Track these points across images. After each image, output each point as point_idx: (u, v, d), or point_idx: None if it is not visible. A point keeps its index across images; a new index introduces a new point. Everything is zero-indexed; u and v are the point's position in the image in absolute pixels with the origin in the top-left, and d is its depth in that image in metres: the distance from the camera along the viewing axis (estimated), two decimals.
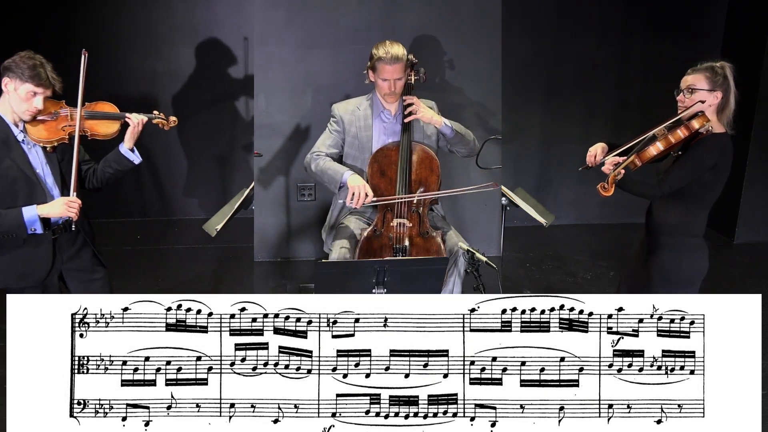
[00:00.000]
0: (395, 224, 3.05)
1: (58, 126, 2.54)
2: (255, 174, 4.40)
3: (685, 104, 2.59)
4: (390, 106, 3.21)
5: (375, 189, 3.12)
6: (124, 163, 2.66)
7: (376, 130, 3.21)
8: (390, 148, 3.14)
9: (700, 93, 2.55)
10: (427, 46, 4.33)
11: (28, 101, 2.46)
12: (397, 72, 3.07)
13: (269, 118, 4.37)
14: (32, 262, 2.55)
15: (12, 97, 2.46)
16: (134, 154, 2.67)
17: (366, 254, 3.03)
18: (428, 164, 3.13)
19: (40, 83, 2.45)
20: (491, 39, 4.43)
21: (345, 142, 3.24)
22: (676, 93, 2.63)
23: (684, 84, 2.60)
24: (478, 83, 4.45)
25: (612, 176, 2.49)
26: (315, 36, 4.31)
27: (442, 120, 3.14)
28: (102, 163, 2.68)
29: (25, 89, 2.44)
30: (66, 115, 2.55)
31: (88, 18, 5.09)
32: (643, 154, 2.54)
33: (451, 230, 3.19)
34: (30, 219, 2.45)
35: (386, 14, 4.32)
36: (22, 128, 2.52)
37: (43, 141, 2.52)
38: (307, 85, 4.35)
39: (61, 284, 2.67)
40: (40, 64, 2.46)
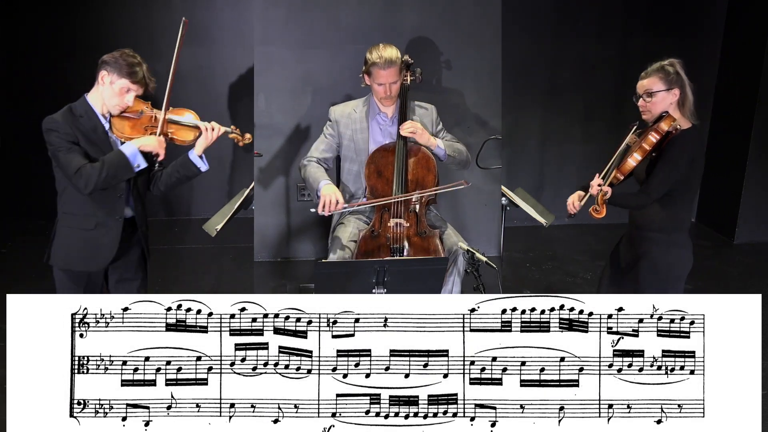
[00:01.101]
0: (392, 224, 3.05)
1: (142, 125, 2.61)
2: (255, 174, 4.40)
3: (647, 108, 2.66)
4: (386, 109, 3.21)
5: (372, 189, 3.13)
6: (191, 170, 2.70)
7: (372, 132, 3.21)
8: (387, 149, 3.14)
9: (659, 94, 2.63)
10: (427, 47, 4.33)
11: (121, 96, 2.54)
12: (391, 76, 3.07)
13: (269, 118, 4.37)
14: (100, 246, 2.60)
15: (106, 89, 2.54)
16: (202, 161, 2.71)
17: (364, 255, 3.03)
18: (425, 164, 3.13)
19: (136, 81, 2.53)
20: (491, 39, 4.43)
21: (341, 145, 3.24)
22: (635, 99, 2.71)
23: (641, 89, 2.67)
24: (478, 83, 4.45)
25: (600, 197, 2.55)
26: (315, 36, 4.31)
27: (437, 142, 3.15)
28: (170, 167, 2.74)
29: (120, 85, 2.52)
30: (150, 116, 2.62)
31: (88, 18, 5.10)
32: (623, 167, 2.62)
33: (449, 229, 3.19)
34: (131, 153, 2.50)
35: (386, 14, 4.32)
36: (108, 119, 2.60)
37: (124, 137, 2.59)
38: (307, 85, 4.35)
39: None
40: (138, 62, 2.55)
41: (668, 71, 2.65)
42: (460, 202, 4.61)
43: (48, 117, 2.51)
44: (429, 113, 3.29)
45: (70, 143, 2.48)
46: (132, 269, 2.74)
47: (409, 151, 3.12)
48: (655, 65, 2.69)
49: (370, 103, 3.24)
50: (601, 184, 2.60)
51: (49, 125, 2.49)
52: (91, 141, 2.54)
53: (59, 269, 2.61)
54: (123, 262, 2.70)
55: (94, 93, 2.58)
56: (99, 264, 2.62)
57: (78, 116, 2.54)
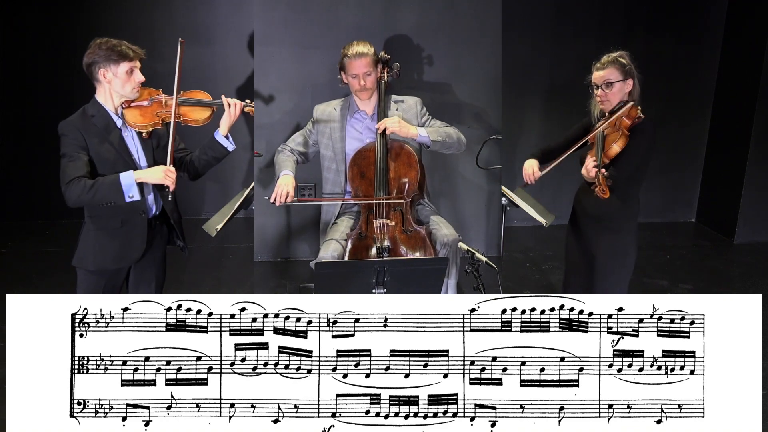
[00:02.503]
0: (377, 224, 3.05)
1: (153, 112, 2.63)
2: (255, 174, 4.40)
3: (606, 98, 2.79)
4: (365, 105, 3.22)
5: (356, 191, 3.13)
6: (218, 150, 2.74)
7: (351, 131, 3.22)
8: (368, 149, 3.15)
9: (616, 84, 2.76)
10: (426, 46, 4.33)
11: (131, 80, 2.56)
12: (363, 66, 3.11)
13: (269, 118, 4.37)
14: (130, 243, 2.63)
15: (114, 83, 2.55)
16: (228, 141, 2.73)
17: (354, 257, 3.03)
18: (406, 160, 3.13)
19: (130, 59, 2.54)
20: (491, 39, 4.43)
21: (320, 144, 3.27)
22: (591, 90, 2.85)
23: (600, 80, 2.79)
24: (478, 83, 4.45)
25: (602, 178, 2.63)
26: (315, 36, 4.31)
27: (417, 131, 3.15)
28: (198, 151, 2.78)
29: (123, 70, 2.53)
30: (161, 101, 2.64)
31: (88, 18, 5.09)
32: (608, 152, 2.72)
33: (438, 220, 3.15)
34: (127, 184, 2.50)
35: (386, 14, 4.32)
36: (120, 114, 2.62)
37: (138, 125, 2.61)
38: (307, 85, 4.35)
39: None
40: (118, 43, 2.55)
41: (623, 63, 2.78)
42: (461, 202, 4.61)
43: (62, 121, 2.54)
44: (412, 106, 3.28)
45: (77, 152, 2.50)
46: (153, 269, 2.76)
47: (389, 150, 3.12)
48: (608, 57, 2.82)
49: (349, 101, 3.26)
50: (596, 165, 2.69)
51: (61, 130, 2.53)
52: (102, 140, 2.55)
53: (87, 270, 2.62)
54: (147, 261, 2.72)
55: (101, 93, 2.60)
56: (129, 261, 2.66)
57: (90, 116, 2.56)
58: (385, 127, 3.09)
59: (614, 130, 2.73)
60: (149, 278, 2.75)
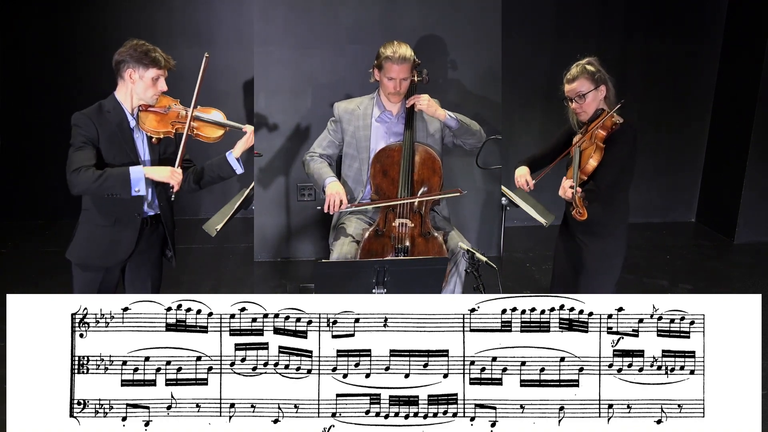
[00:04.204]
0: (397, 224, 3.06)
1: (168, 120, 2.65)
2: (255, 174, 4.40)
3: (582, 109, 2.74)
4: (392, 106, 3.21)
5: (378, 189, 3.13)
6: (227, 171, 2.75)
7: (376, 130, 3.21)
8: (393, 148, 3.14)
9: (589, 95, 2.71)
10: (427, 46, 4.32)
11: (154, 86, 2.59)
12: (403, 72, 3.08)
13: (269, 118, 4.37)
14: (119, 242, 2.63)
15: (137, 85, 2.58)
16: (239, 164, 2.75)
17: (368, 254, 3.04)
18: (430, 165, 3.13)
19: (161, 67, 2.58)
20: (491, 39, 4.43)
21: (343, 142, 3.24)
22: (565, 103, 2.79)
23: (572, 93, 2.74)
24: (478, 83, 4.45)
25: (578, 200, 2.56)
26: (315, 36, 4.31)
27: (446, 113, 3.15)
28: (205, 166, 2.78)
29: (150, 75, 2.57)
30: (177, 111, 2.67)
31: (88, 18, 5.09)
32: (585, 168, 2.66)
33: (454, 231, 3.19)
34: (136, 178, 2.50)
35: (386, 14, 4.32)
36: (135, 116, 2.63)
37: (151, 131, 2.63)
38: (307, 85, 4.35)
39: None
40: (152, 49, 2.58)
41: (591, 71, 2.73)
42: (461, 202, 4.60)
43: (77, 112, 2.55)
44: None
45: (85, 142, 2.51)
46: (149, 268, 2.76)
47: (415, 152, 3.12)
48: (576, 68, 2.77)
49: (375, 100, 3.24)
50: (572, 185, 2.62)
51: (74, 120, 2.54)
52: (114, 137, 2.57)
53: (77, 264, 2.64)
54: (141, 260, 2.72)
55: (121, 91, 2.62)
56: (115, 260, 2.65)
57: (106, 111, 2.58)
58: (413, 103, 3.10)
59: (590, 144, 2.68)
60: (144, 277, 2.75)
